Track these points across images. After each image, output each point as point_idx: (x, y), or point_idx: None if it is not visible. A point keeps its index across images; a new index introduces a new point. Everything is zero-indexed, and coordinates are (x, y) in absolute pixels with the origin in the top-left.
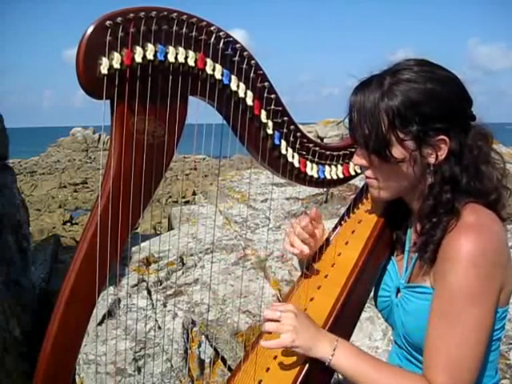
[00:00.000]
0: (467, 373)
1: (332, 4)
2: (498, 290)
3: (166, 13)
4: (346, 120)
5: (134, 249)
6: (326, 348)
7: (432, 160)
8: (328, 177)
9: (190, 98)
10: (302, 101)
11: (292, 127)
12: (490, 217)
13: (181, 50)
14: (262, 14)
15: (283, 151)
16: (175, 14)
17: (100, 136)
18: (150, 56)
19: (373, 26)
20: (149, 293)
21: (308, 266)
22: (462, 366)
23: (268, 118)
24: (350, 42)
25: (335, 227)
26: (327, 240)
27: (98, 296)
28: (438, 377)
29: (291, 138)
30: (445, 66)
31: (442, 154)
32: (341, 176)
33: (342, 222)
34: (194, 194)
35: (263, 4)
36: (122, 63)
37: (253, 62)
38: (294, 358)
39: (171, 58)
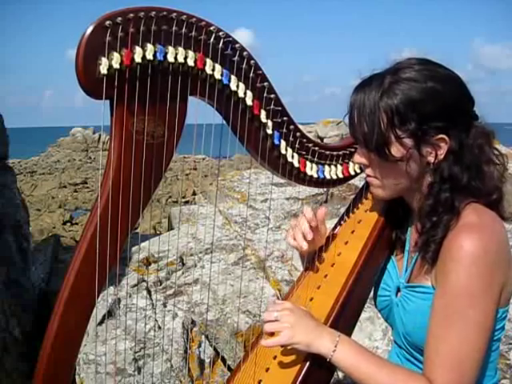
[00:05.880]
0: (467, 372)
1: (336, 5)
2: (499, 290)
3: (165, 13)
4: (347, 118)
5: (133, 249)
6: (327, 344)
7: (431, 159)
8: (328, 177)
9: (190, 98)
10: (304, 101)
11: (291, 127)
12: (492, 216)
13: (180, 50)
14: (268, 15)
15: (283, 151)
16: (174, 14)
17: (100, 136)
18: (149, 56)
19: (376, 26)
20: (149, 293)
21: (307, 265)
22: (462, 365)
23: (267, 117)
24: (353, 43)
25: (335, 227)
26: (327, 240)
27: (98, 296)
28: (439, 376)
29: (291, 138)
30: (449, 65)
31: (442, 153)
32: (340, 176)
33: (342, 222)
34: (194, 194)
35: (269, 4)
36: (121, 63)
37: (252, 61)
38: (294, 358)
39: (171, 58)
